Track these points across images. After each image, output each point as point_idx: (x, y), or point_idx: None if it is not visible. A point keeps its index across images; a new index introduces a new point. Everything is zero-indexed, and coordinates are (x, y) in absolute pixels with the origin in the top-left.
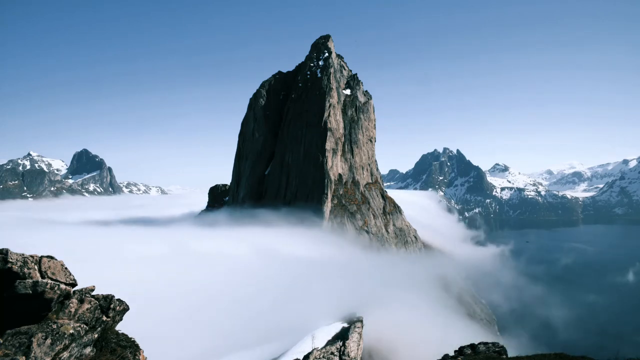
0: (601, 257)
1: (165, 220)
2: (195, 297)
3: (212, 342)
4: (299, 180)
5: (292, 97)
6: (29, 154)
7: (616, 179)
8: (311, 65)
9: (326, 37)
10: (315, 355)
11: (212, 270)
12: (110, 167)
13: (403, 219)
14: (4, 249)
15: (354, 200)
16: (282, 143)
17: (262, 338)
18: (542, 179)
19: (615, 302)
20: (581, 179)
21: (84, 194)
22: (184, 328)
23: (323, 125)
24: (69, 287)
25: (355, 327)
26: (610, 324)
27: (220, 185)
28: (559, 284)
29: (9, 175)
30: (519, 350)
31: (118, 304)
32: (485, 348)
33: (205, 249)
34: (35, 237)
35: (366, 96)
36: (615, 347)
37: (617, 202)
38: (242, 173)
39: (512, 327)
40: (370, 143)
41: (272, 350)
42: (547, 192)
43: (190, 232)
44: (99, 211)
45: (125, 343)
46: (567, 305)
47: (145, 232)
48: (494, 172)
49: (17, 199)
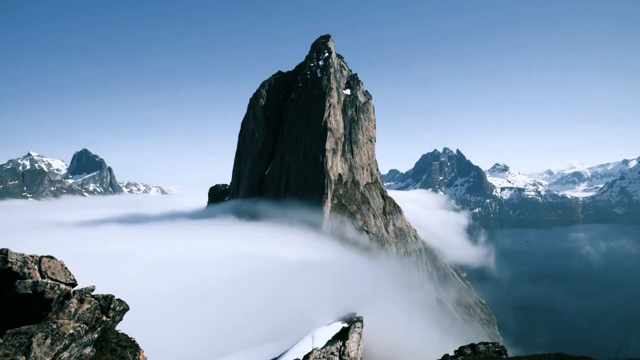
0: (601, 257)
1: (165, 221)
2: (195, 297)
3: (212, 342)
4: (299, 180)
5: (292, 97)
6: (29, 154)
7: (616, 179)
8: (311, 65)
9: (326, 37)
10: (315, 355)
11: (212, 270)
12: (110, 167)
13: (403, 218)
14: (4, 249)
15: (354, 200)
16: (282, 143)
17: (262, 338)
18: (542, 179)
19: (615, 302)
20: (581, 179)
21: (84, 194)
22: (184, 328)
23: (323, 125)
24: (69, 287)
25: (355, 327)
26: (610, 324)
27: (220, 185)
28: (558, 284)
29: (9, 175)
30: (519, 350)
31: (118, 304)
32: (485, 348)
33: (205, 250)
34: (42, 239)
35: (366, 96)
36: (615, 347)
37: (617, 202)
38: (242, 173)
39: (512, 327)
40: (370, 143)
41: (272, 350)
42: (547, 192)
43: (190, 232)
44: (98, 210)
45: (125, 343)
46: (567, 305)
47: (146, 233)
48: (494, 172)
49: (17, 199)
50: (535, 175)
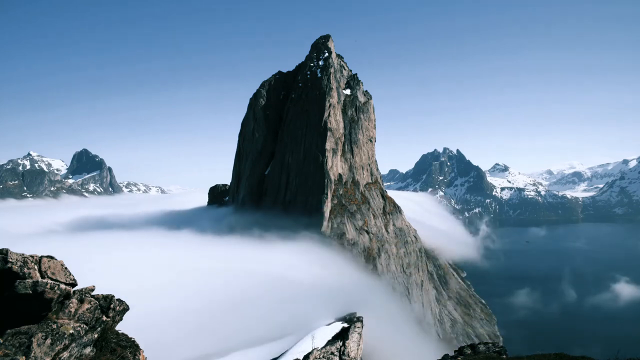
0: (601, 257)
1: (165, 221)
2: (195, 298)
3: (212, 342)
4: (299, 180)
5: (292, 97)
6: (29, 154)
7: (616, 179)
8: (311, 65)
9: (326, 37)
10: (315, 355)
11: (212, 271)
12: (110, 167)
13: (403, 219)
14: (4, 249)
15: (354, 200)
16: (282, 143)
17: (262, 338)
18: (542, 179)
19: (616, 302)
20: (581, 179)
21: (83, 194)
22: (184, 328)
23: (323, 125)
24: (69, 287)
25: (355, 327)
26: (610, 324)
27: (220, 185)
28: (558, 284)
29: (9, 175)
30: (519, 350)
31: (118, 304)
32: (485, 348)
33: (205, 250)
34: (42, 247)
35: (366, 96)
36: (615, 347)
37: (617, 202)
38: (242, 173)
39: (512, 327)
40: (370, 143)
41: (272, 350)
42: (547, 192)
43: (190, 233)
44: (98, 209)
45: (125, 343)
46: (566, 305)
47: (145, 233)
48: (494, 172)
49: (17, 199)
50: (535, 175)
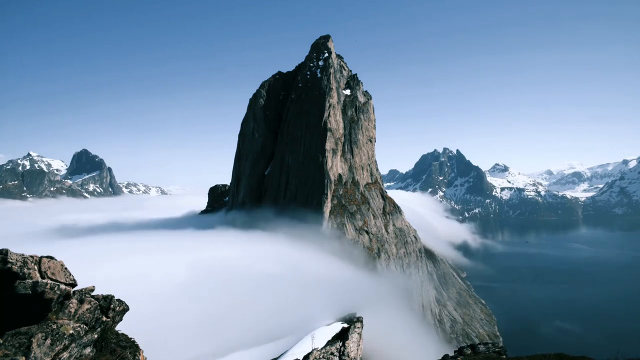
0: (601, 257)
1: (165, 222)
2: (195, 298)
3: (212, 342)
4: (298, 180)
5: (292, 97)
6: (29, 154)
7: (616, 179)
8: (311, 65)
9: (326, 37)
10: (315, 355)
11: (212, 271)
12: (110, 167)
13: (403, 219)
14: (3, 249)
15: (353, 201)
16: (282, 143)
17: (262, 338)
18: (542, 179)
19: (615, 302)
20: (581, 179)
21: (83, 194)
22: (184, 328)
23: (323, 125)
24: (68, 287)
25: (355, 327)
26: (610, 324)
27: (220, 186)
28: (558, 284)
29: (8, 175)
30: (519, 351)
31: (118, 304)
32: (485, 348)
33: (204, 250)
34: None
35: (366, 96)
36: (615, 347)
37: (617, 202)
38: (242, 173)
39: (512, 327)
40: (370, 143)
41: (272, 351)
42: (547, 192)
43: (190, 234)
44: (98, 212)
45: (125, 343)
46: (567, 305)
47: (145, 233)
48: (494, 172)
49: (17, 200)
50: (535, 175)
